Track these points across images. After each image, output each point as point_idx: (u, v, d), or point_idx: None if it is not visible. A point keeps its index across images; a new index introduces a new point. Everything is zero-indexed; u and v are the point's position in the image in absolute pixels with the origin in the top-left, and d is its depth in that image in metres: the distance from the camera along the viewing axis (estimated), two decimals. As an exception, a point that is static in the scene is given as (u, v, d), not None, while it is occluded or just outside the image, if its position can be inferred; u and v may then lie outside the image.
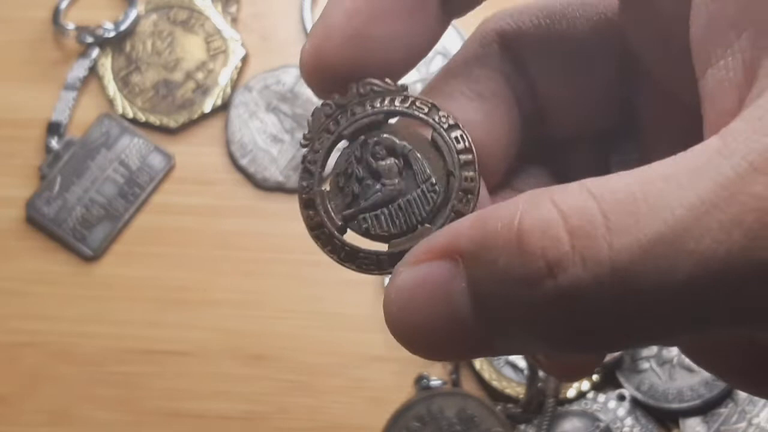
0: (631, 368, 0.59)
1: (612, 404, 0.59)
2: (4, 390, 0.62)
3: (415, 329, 0.24)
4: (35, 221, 0.64)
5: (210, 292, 0.63)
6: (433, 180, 0.27)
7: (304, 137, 0.28)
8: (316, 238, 0.27)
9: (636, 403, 0.59)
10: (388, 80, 0.28)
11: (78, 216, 0.64)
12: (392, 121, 0.28)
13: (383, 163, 0.27)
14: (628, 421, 0.59)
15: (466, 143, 0.27)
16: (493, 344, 0.24)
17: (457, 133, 0.27)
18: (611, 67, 0.30)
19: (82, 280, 0.64)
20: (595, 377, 0.59)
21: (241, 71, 0.67)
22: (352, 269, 0.27)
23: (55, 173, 0.65)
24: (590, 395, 0.59)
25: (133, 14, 0.68)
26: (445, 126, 0.28)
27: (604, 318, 0.22)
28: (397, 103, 0.28)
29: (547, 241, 0.22)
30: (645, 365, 0.59)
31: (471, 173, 0.27)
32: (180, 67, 0.68)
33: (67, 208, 0.64)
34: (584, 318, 0.22)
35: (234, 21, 0.69)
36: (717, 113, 0.23)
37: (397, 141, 0.28)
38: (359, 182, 0.27)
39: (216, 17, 0.68)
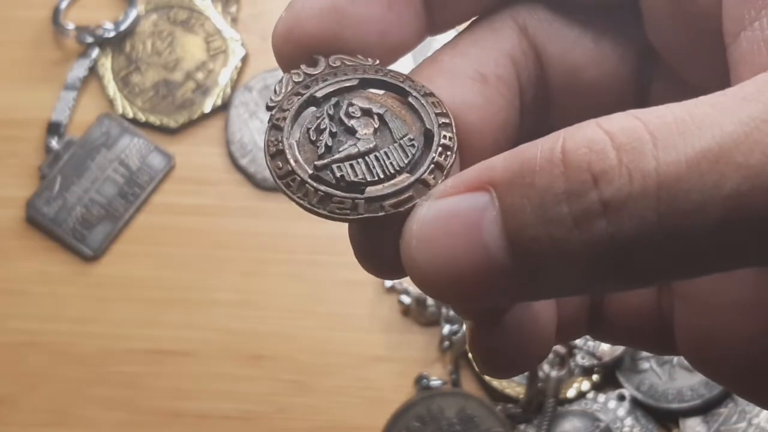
0: (631, 368, 0.59)
1: (612, 404, 0.59)
2: (4, 390, 0.62)
3: (436, 264, 0.23)
4: (35, 221, 0.64)
5: (210, 292, 0.63)
6: (411, 136, 0.27)
7: (271, 100, 0.27)
8: (286, 186, 0.26)
9: (636, 403, 0.59)
10: (359, 56, 0.28)
11: (78, 216, 0.64)
12: (367, 88, 0.28)
13: (358, 121, 0.27)
14: (628, 421, 0.59)
15: (443, 109, 0.27)
16: (522, 281, 0.23)
17: (433, 98, 0.27)
18: (630, 58, 0.30)
19: (82, 280, 0.64)
20: (595, 377, 0.59)
21: (241, 71, 0.67)
22: (324, 215, 0.26)
23: (55, 173, 0.65)
24: (590, 395, 0.59)
25: (133, 14, 0.68)
26: (422, 93, 0.27)
27: (646, 237, 0.21)
28: (371, 72, 0.28)
29: (593, 155, 0.21)
30: (645, 365, 0.59)
31: (449, 134, 0.27)
32: (180, 67, 0.68)
33: (67, 208, 0.64)
34: (626, 236, 0.21)
35: (234, 21, 0.69)
36: (753, 72, 0.23)
37: (372, 104, 0.27)
38: (332, 136, 0.27)
39: (216, 17, 0.69)
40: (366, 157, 0.26)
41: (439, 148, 0.26)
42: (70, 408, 0.61)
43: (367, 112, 0.27)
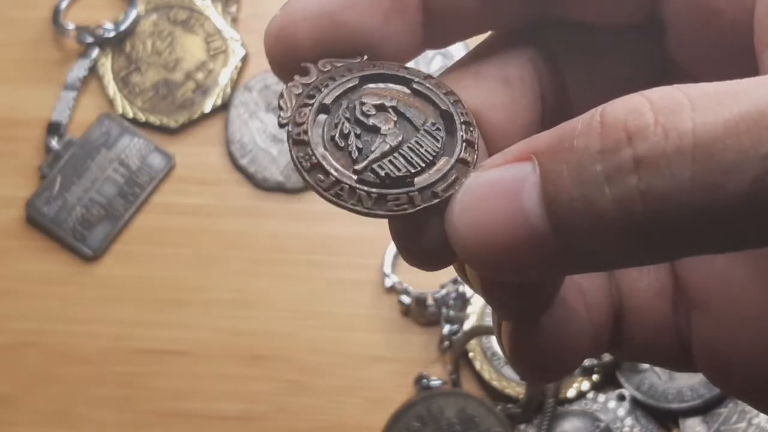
0: (631, 368, 0.59)
1: (612, 404, 0.59)
2: (4, 390, 0.62)
3: (475, 230, 0.23)
4: (35, 221, 0.64)
5: (210, 292, 0.63)
6: (432, 120, 0.27)
7: (281, 117, 0.27)
8: (336, 196, 0.26)
9: (636, 403, 0.59)
10: (347, 58, 0.28)
11: (78, 216, 0.64)
12: (369, 85, 0.28)
13: (377, 118, 0.27)
14: (628, 421, 0.59)
15: (448, 88, 0.27)
16: (559, 248, 0.23)
17: (434, 80, 0.27)
18: (648, 74, 0.30)
19: (82, 280, 0.64)
20: (595, 377, 0.59)
21: (241, 71, 0.67)
22: (382, 215, 0.26)
23: (55, 173, 0.65)
24: (590, 395, 0.59)
25: (133, 14, 0.68)
26: (422, 77, 0.27)
27: (679, 196, 0.21)
28: (366, 68, 0.28)
29: (630, 115, 0.21)
30: (645, 365, 0.59)
31: (463, 110, 0.27)
32: (180, 67, 0.68)
33: (67, 208, 0.64)
34: (658, 195, 0.21)
35: (234, 21, 0.69)
36: None
37: (382, 98, 0.27)
38: (359, 138, 0.27)
39: (216, 17, 0.69)
40: (400, 151, 0.26)
41: (463, 126, 0.26)
42: (70, 408, 0.61)
43: (381, 108, 0.27)
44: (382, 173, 0.26)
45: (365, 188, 0.26)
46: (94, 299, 0.63)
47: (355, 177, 0.26)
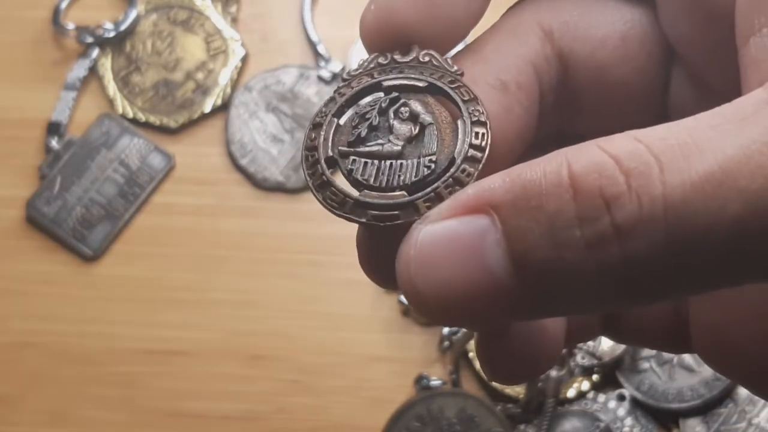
0: (631, 368, 0.59)
1: (612, 404, 0.59)
2: (4, 390, 0.62)
3: (437, 289, 0.23)
4: (35, 221, 0.64)
5: (210, 292, 0.63)
6: (434, 158, 0.26)
7: (348, 74, 0.28)
8: (305, 158, 0.27)
9: (636, 403, 0.59)
10: (449, 60, 0.28)
11: (78, 216, 0.64)
12: (431, 95, 0.28)
13: (400, 123, 0.27)
14: (628, 421, 0.59)
15: (484, 142, 0.27)
16: (528, 302, 0.23)
17: (480, 129, 0.27)
18: (656, 54, 0.30)
19: (82, 280, 0.64)
20: (595, 377, 0.59)
21: (241, 71, 0.67)
22: (318, 200, 0.26)
23: (55, 173, 0.65)
24: (590, 395, 0.59)
25: (133, 14, 0.68)
26: (474, 119, 0.27)
27: (656, 258, 0.21)
28: (445, 81, 0.28)
29: (604, 180, 0.22)
30: (645, 365, 0.59)
31: (471, 169, 0.26)
32: (180, 67, 0.68)
33: (67, 208, 0.64)
34: (637, 257, 0.21)
35: (234, 21, 0.69)
36: (761, 77, 0.23)
37: (425, 112, 0.27)
38: (371, 129, 0.27)
39: (216, 17, 0.69)
40: (383, 161, 0.26)
41: (450, 179, 0.26)
42: (70, 408, 0.61)
43: (413, 118, 0.27)
44: (349, 167, 0.26)
45: (324, 167, 0.26)
46: (94, 299, 0.63)
47: (330, 153, 0.27)
